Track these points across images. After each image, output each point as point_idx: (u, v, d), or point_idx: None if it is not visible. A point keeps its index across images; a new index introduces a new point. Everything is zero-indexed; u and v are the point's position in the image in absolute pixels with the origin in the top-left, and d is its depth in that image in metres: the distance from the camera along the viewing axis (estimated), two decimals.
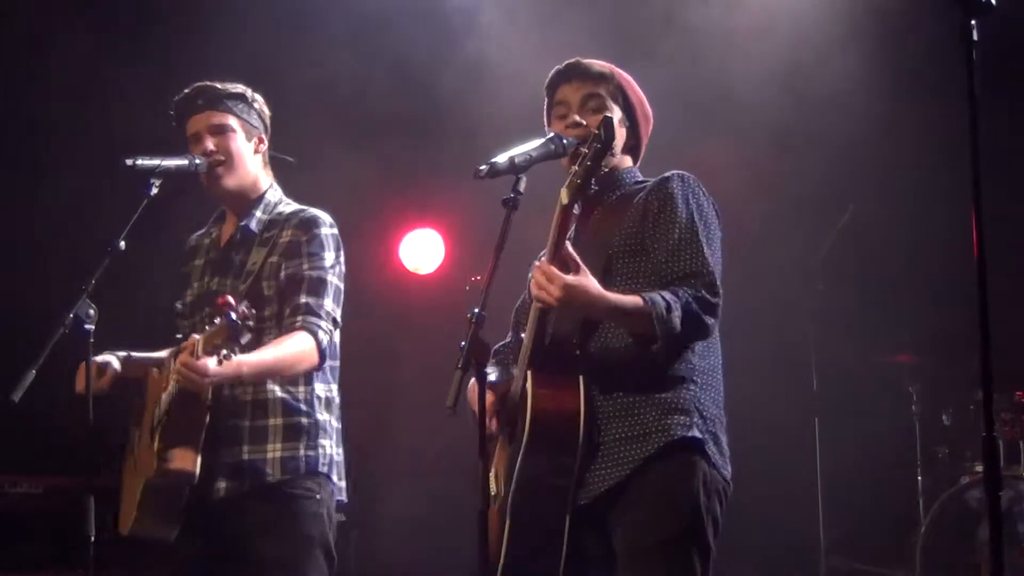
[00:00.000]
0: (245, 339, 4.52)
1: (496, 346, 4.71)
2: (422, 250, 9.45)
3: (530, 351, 4.17)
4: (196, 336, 4.62)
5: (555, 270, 3.98)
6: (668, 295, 4.04)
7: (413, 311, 9.06)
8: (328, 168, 8.11)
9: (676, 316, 4.01)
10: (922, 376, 8.31)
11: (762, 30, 8.16)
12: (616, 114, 4.42)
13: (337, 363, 5.14)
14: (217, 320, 4.50)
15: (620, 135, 4.42)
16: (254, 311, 4.55)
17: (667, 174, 4.37)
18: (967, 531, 7.54)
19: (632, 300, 4.04)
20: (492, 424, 4.40)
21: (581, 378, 4.14)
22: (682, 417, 4.16)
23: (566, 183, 4.06)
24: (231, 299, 4.47)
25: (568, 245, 4.05)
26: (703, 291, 4.11)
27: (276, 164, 5.31)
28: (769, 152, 8.35)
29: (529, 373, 4.14)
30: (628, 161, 4.55)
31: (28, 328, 5.34)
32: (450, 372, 3.97)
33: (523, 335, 4.28)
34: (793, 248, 8.52)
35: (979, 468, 7.70)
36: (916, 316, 8.43)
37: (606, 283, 4.15)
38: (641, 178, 4.50)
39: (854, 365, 8.51)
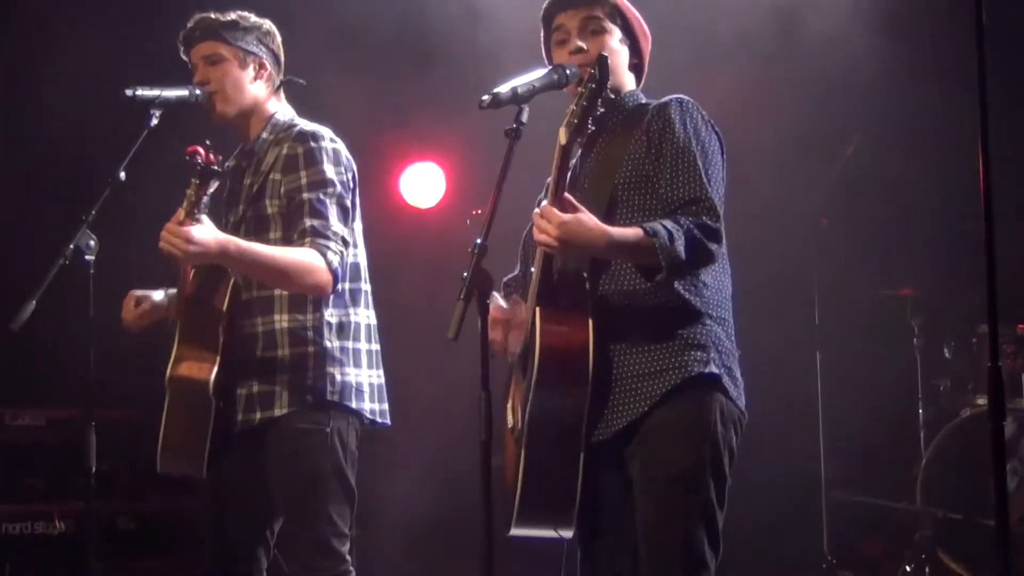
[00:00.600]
0: (213, 186, 4.52)
1: (505, 279, 4.73)
2: (423, 184, 9.42)
3: (538, 287, 4.17)
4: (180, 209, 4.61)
5: (554, 210, 3.96)
6: (669, 224, 4.03)
7: (414, 245, 9.04)
8: (326, 99, 8.08)
9: (679, 244, 3.99)
10: (924, 309, 8.31)
11: None
12: (616, 34, 4.43)
13: (360, 285, 5.11)
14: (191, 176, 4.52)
15: (622, 53, 4.44)
16: (221, 157, 4.57)
17: (666, 99, 4.35)
18: (967, 463, 7.57)
19: (633, 232, 4.02)
20: (497, 341, 4.42)
21: (591, 313, 4.13)
22: (699, 352, 4.17)
23: (564, 122, 4.04)
24: (199, 147, 4.48)
25: (566, 192, 4.03)
26: (704, 217, 4.10)
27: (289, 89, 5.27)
28: (769, 85, 8.28)
29: (537, 309, 4.13)
30: (631, 82, 4.53)
31: (29, 258, 5.33)
32: (452, 305, 3.96)
33: (532, 269, 4.27)
34: (796, 180, 8.47)
35: (980, 400, 7.73)
36: (918, 249, 8.42)
37: (612, 215, 4.18)
38: (644, 100, 4.47)
39: (856, 298, 8.51)
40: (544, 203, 4.04)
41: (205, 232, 4.59)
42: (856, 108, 8.33)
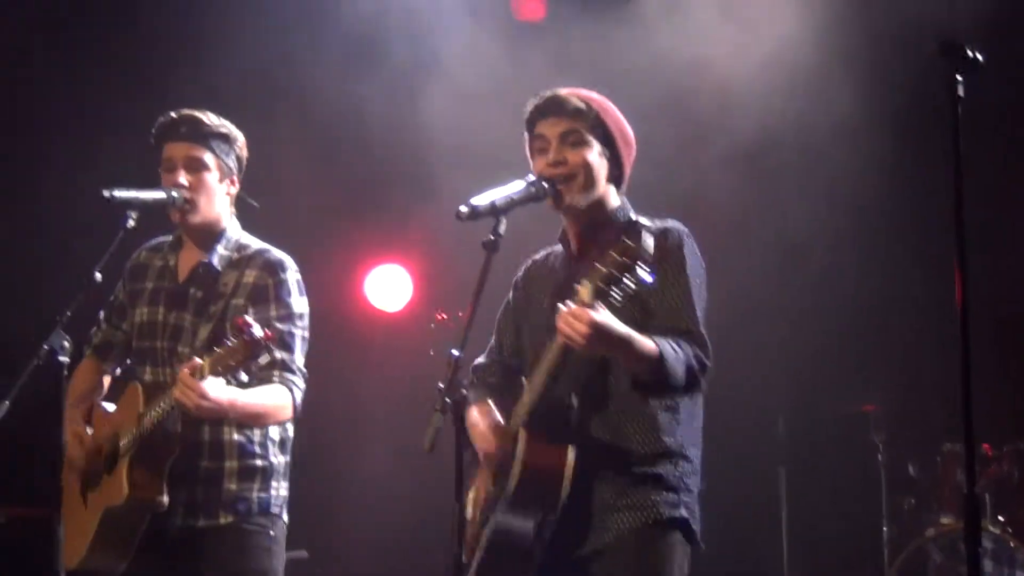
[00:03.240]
0: (265, 359, 4.53)
1: (474, 363, 4.79)
2: (388, 286, 9.39)
3: (530, 406, 4.24)
4: (199, 360, 4.60)
5: (585, 308, 3.97)
6: (679, 348, 4.13)
7: (377, 349, 9.01)
8: (292, 198, 8.09)
9: (680, 370, 4.11)
10: (888, 425, 8.31)
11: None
12: (595, 147, 4.45)
13: None
14: (231, 340, 4.50)
15: (602, 167, 4.46)
16: (272, 335, 4.57)
17: (664, 226, 4.41)
18: None
19: (650, 347, 4.08)
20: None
21: (571, 446, 4.21)
22: (671, 495, 4.30)
23: (588, 278, 4.01)
24: (249, 319, 4.48)
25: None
26: (699, 351, 4.21)
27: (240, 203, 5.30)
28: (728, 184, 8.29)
29: (522, 431, 4.24)
30: (612, 193, 4.54)
31: (1, 360, 5.29)
32: (416, 413, 3.98)
33: (523, 379, 4.36)
34: (762, 291, 8.49)
35: (945, 520, 7.71)
36: (883, 365, 8.44)
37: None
38: (634, 216, 4.50)
39: (820, 414, 8.51)
40: (571, 305, 4.02)
41: (219, 392, 4.62)
42: (817, 214, 8.33)
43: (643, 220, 4.41)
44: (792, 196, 8.18)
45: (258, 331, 4.43)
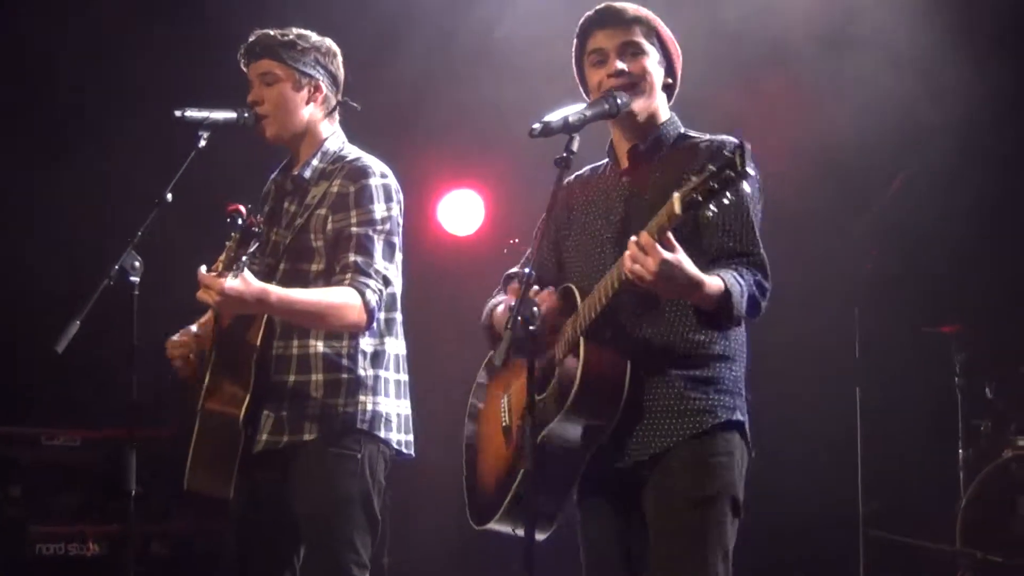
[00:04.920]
0: (253, 246, 4.53)
1: (508, 271, 4.80)
2: (461, 211, 9.39)
3: (588, 318, 4.18)
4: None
5: (656, 245, 3.89)
6: (741, 280, 4.08)
7: (451, 274, 9.01)
8: (367, 122, 8.07)
9: (744, 302, 4.08)
10: (966, 347, 8.24)
11: None
12: (654, 55, 4.42)
13: (395, 315, 5.09)
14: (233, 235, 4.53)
15: (658, 75, 4.43)
16: (261, 219, 4.62)
17: (719, 140, 4.36)
18: (1008, 504, 7.51)
19: (717, 286, 4.03)
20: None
21: (629, 353, 4.21)
22: (727, 398, 4.29)
23: (681, 190, 3.88)
24: (240, 206, 4.49)
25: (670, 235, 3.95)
26: (760, 275, 4.17)
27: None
28: (815, 116, 8.22)
29: (582, 341, 4.19)
30: (664, 106, 4.49)
31: (73, 279, 5.32)
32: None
33: (570, 285, 4.30)
34: (838, 215, 8.41)
35: (1022, 442, 7.66)
36: (962, 286, 8.34)
37: None
38: (683, 130, 4.47)
39: (897, 334, 8.43)
40: (642, 234, 3.96)
41: (239, 286, 4.56)
42: (903, 140, 8.24)
43: (692, 133, 4.42)
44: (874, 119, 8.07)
45: (241, 218, 4.48)
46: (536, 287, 4.31)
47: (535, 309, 4.06)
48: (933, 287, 8.38)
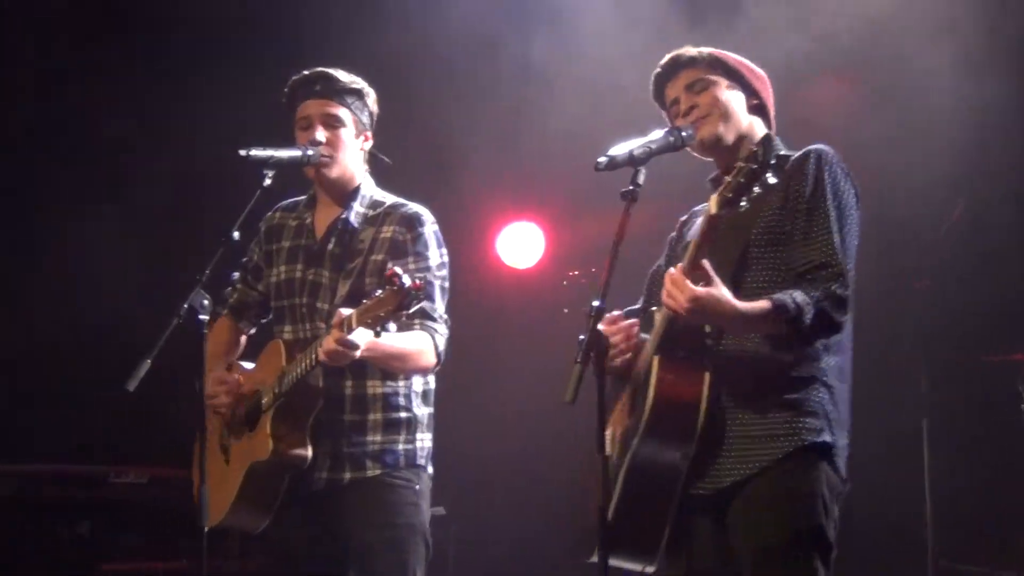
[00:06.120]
0: (415, 307, 4.53)
1: (626, 310, 4.71)
2: (521, 244, 9.39)
3: (660, 334, 4.17)
4: (344, 311, 4.64)
5: (687, 282, 3.96)
6: (799, 297, 4.04)
7: (511, 307, 9.02)
8: (422, 155, 8.10)
9: (807, 317, 4.02)
10: None
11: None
12: (722, 83, 4.46)
13: None
14: (380, 291, 4.52)
15: (735, 98, 4.47)
16: (423, 284, 4.59)
17: (806, 151, 4.34)
18: None
19: (762, 307, 4.03)
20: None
21: (708, 369, 4.15)
22: (812, 420, 4.18)
23: (717, 192, 3.98)
24: (398, 269, 4.48)
25: (705, 261, 4.00)
26: (833, 285, 4.10)
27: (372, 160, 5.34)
28: (877, 148, 8.18)
29: (655, 358, 4.15)
30: (759, 125, 4.51)
31: (145, 319, 5.36)
32: (552, 368, 3.95)
33: (653, 308, 4.28)
34: (901, 242, 8.35)
35: None
36: None
37: (744, 269, 4.21)
38: (784, 151, 4.43)
39: (964, 364, 8.36)
40: (678, 266, 4.02)
41: (362, 341, 4.65)
42: (962, 167, 8.17)
43: (785, 152, 4.39)
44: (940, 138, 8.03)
45: (408, 280, 4.44)
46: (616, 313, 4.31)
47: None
48: (999, 315, 8.30)
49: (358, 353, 4.68)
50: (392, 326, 4.57)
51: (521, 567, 8.60)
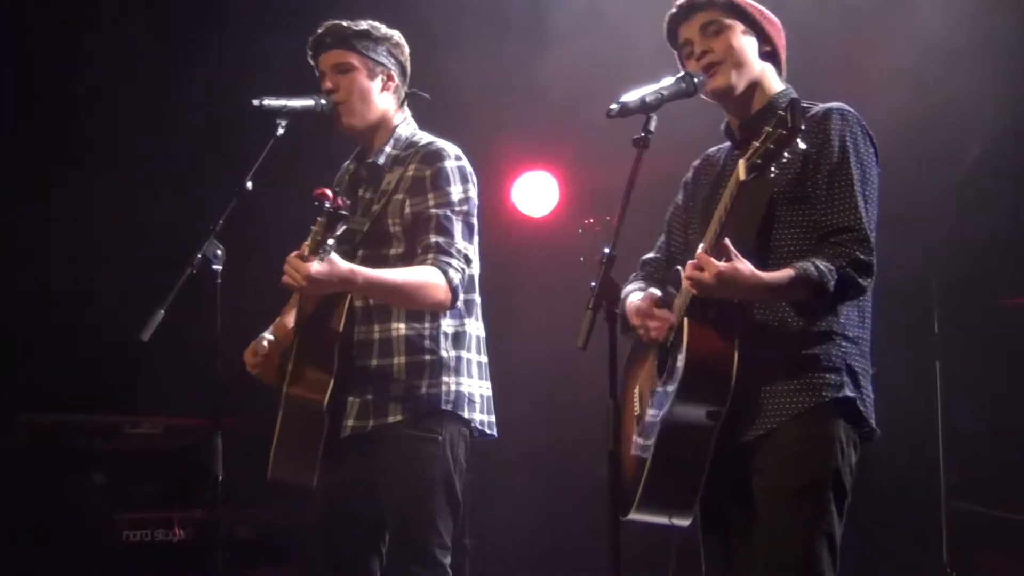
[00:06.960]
0: (340, 228, 4.54)
1: (643, 257, 4.76)
2: (535, 192, 9.39)
3: (690, 298, 4.16)
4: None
5: (711, 260, 3.98)
6: (822, 264, 4.05)
7: (526, 254, 9.02)
8: (441, 105, 8.06)
9: (831, 284, 4.04)
10: None
11: None
12: (737, 28, 4.42)
13: (474, 297, 5.14)
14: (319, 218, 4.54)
15: (749, 44, 4.42)
16: (348, 202, 4.64)
17: (826, 108, 4.32)
18: None
19: (785, 277, 4.05)
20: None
21: (736, 331, 4.16)
22: (833, 376, 4.21)
23: (745, 156, 3.95)
24: (327, 190, 4.50)
25: (727, 240, 4.02)
26: (857, 250, 4.11)
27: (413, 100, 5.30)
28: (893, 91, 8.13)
29: (686, 320, 4.16)
30: (772, 73, 4.48)
31: (156, 268, 5.37)
32: (567, 316, 3.95)
33: (678, 268, 4.25)
34: (917, 184, 8.31)
35: None
36: None
37: (767, 229, 4.22)
38: (806, 104, 4.37)
39: (976, 307, 8.36)
40: (701, 246, 4.05)
41: (325, 269, 4.64)
42: (983, 109, 8.12)
43: (806, 103, 4.34)
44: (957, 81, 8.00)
45: (328, 201, 4.47)
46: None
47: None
48: (1012, 259, 8.28)
49: (318, 278, 4.62)
50: (330, 242, 4.57)
51: (537, 514, 8.65)
